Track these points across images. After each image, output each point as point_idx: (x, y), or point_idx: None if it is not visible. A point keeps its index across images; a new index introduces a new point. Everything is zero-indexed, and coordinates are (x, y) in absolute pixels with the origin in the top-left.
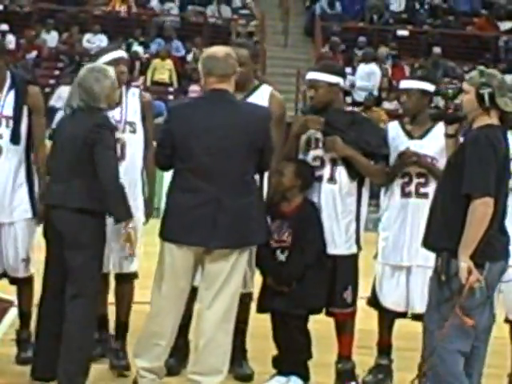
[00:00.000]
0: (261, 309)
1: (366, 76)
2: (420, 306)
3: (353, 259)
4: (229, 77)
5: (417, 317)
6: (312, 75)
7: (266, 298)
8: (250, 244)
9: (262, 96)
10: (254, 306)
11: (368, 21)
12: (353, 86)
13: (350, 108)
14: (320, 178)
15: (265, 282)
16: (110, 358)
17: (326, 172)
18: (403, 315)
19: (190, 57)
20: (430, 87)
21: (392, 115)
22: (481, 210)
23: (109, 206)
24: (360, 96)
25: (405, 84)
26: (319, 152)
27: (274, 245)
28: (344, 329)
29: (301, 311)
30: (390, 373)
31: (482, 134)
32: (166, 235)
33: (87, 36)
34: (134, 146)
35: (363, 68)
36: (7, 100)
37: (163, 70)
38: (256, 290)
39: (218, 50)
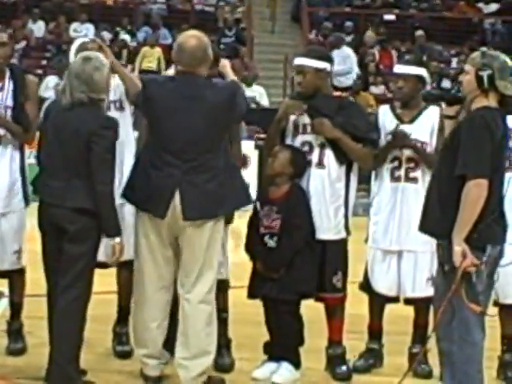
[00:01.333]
0: (251, 295)
1: (342, 61)
2: (411, 291)
3: (342, 244)
4: (196, 67)
5: (408, 301)
6: (299, 61)
7: (256, 284)
8: (217, 215)
9: None
10: (244, 292)
11: (355, 5)
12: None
13: (337, 93)
14: (309, 163)
15: (255, 268)
16: (113, 344)
17: (314, 157)
18: (394, 300)
19: None
20: (425, 72)
21: (379, 100)
22: (474, 192)
23: (100, 219)
24: (338, 81)
25: (401, 69)
26: (307, 137)
27: (263, 231)
28: (334, 314)
29: (291, 296)
30: (381, 357)
31: (477, 116)
32: (130, 198)
33: (74, 25)
34: (122, 123)
35: (336, 53)
36: (9, 90)
37: (152, 59)
38: (247, 276)
39: (187, 41)
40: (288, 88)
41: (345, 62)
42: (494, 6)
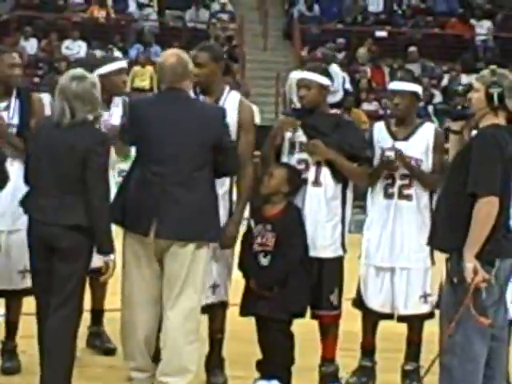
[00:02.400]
0: (243, 312)
1: None
2: (404, 308)
3: (338, 262)
4: (178, 83)
5: (401, 318)
6: (306, 74)
7: (249, 302)
8: (196, 239)
9: (232, 103)
10: (237, 310)
11: (347, 22)
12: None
13: (333, 111)
14: (305, 181)
15: (247, 286)
16: None
17: (310, 175)
18: (387, 317)
19: None
20: (420, 89)
21: (372, 116)
22: (486, 209)
23: (94, 235)
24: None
25: (397, 86)
26: (304, 155)
27: (257, 248)
28: (328, 331)
29: (283, 316)
30: (374, 375)
31: (488, 133)
32: (117, 217)
33: (66, 43)
34: None
35: None
36: (16, 109)
37: (144, 77)
38: (239, 294)
39: (166, 59)
40: (280, 105)
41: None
42: (486, 23)
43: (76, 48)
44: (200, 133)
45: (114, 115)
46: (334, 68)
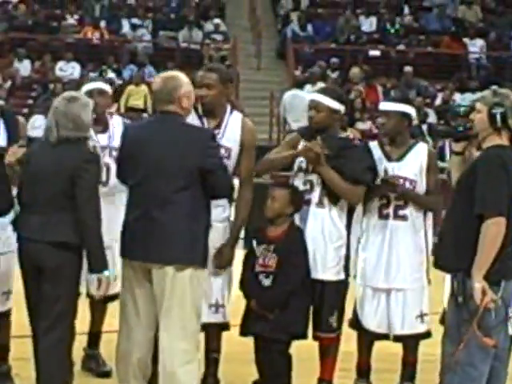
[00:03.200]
0: (243, 332)
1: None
2: (400, 328)
3: (340, 285)
4: (163, 105)
5: (397, 338)
6: (316, 96)
7: (249, 322)
8: (173, 262)
9: (235, 124)
10: (233, 330)
11: (340, 42)
12: None
13: (344, 134)
14: (309, 202)
15: (248, 306)
16: None
17: (314, 196)
18: (383, 337)
19: None
20: (410, 109)
21: (366, 135)
22: (493, 230)
23: (81, 254)
24: None
25: (384, 106)
26: (309, 176)
27: (259, 269)
28: (328, 353)
29: (283, 337)
30: None
31: (493, 154)
32: (120, 248)
33: (60, 64)
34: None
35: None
36: (1, 132)
37: (138, 96)
38: (236, 314)
39: (157, 81)
40: (274, 125)
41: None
42: (479, 42)
43: (70, 69)
44: (180, 155)
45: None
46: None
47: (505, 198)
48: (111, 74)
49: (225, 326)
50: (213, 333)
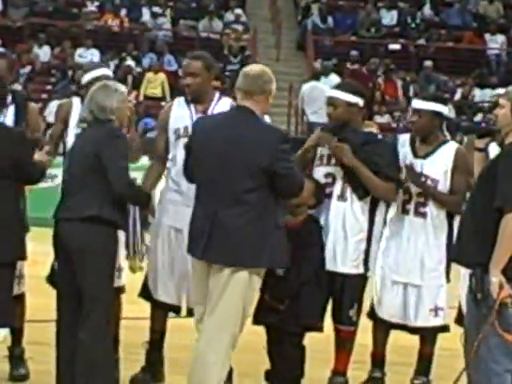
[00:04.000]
0: (257, 321)
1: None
2: (414, 320)
3: (360, 278)
4: (253, 94)
5: (413, 330)
6: (332, 93)
7: (263, 312)
8: (239, 265)
9: (221, 109)
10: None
11: (361, 35)
12: None
13: (368, 129)
14: (330, 195)
15: (262, 295)
16: None
17: (336, 189)
18: (399, 327)
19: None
20: (443, 108)
21: (384, 129)
22: None
23: (130, 201)
24: None
25: (417, 104)
26: (331, 169)
27: None
28: (344, 345)
29: (295, 328)
30: None
31: None
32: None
33: (79, 51)
34: None
35: (324, 81)
36: (8, 115)
37: (155, 84)
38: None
39: (252, 69)
40: (292, 116)
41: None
42: (500, 38)
43: (89, 56)
44: (249, 156)
45: None
46: (335, 79)
47: None
48: (130, 62)
49: None
50: None
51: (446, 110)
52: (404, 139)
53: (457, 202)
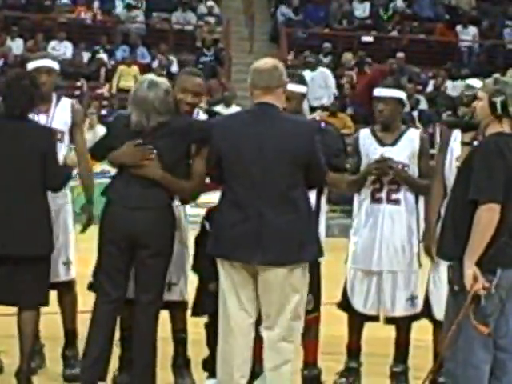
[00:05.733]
0: (196, 313)
1: (323, 81)
2: (391, 310)
3: (313, 266)
4: (273, 89)
5: (389, 320)
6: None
7: (203, 302)
8: (295, 262)
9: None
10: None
11: (333, 27)
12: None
13: (317, 113)
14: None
15: (200, 287)
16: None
17: None
18: (373, 318)
19: (155, 63)
20: (404, 95)
21: (357, 121)
22: (486, 216)
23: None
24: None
25: (381, 92)
26: None
27: None
28: (308, 335)
29: None
30: (359, 376)
31: (490, 141)
32: (213, 250)
33: (52, 43)
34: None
35: (312, 75)
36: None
37: (129, 77)
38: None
39: (264, 63)
40: None
41: (326, 83)
42: (472, 30)
43: (62, 49)
44: (290, 152)
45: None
46: (325, 71)
47: (500, 185)
48: (103, 55)
49: (184, 305)
50: (174, 313)
51: (405, 97)
52: (364, 133)
53: (429, 185)
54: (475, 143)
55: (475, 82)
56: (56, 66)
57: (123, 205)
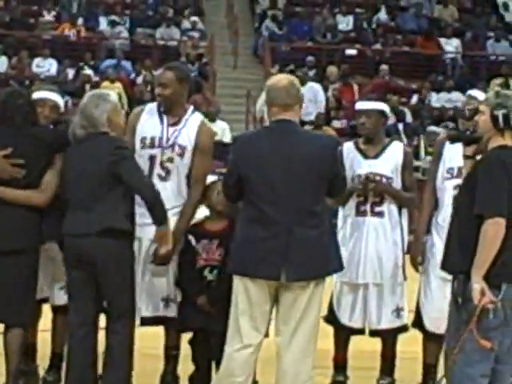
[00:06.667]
0: (182, 329)
1: (313, 96)
2: (377, 323)
3: None
4: (291, 106)
5: (374, 333)
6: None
7: (189, 317)
8: (324, 275)
9: (193, 124)
10: None
11: (317, 41)
12: None
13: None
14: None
15: (184, 301)
16: None
17: None
18: (359, 332)
19: (139, 79)
20: (386, 107)
21: (341, 134)
22: (492, 231)
23: (150, 212)
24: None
25: (363, 105)
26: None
27: (202, 263)
28: None
29: (223, 328)
30: None
31: (493, 155)
32: (237, 268)
33: (37, 60)
34: None
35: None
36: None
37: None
38: None
39: (280, 80)
40: (250, 123)
41: (316, 98)
42: (455, 41)
43: (47, 66)
44: (314, 167)
45: None
46: (315, 85)
47: (504, 199)
48: (89, 71)
49: (177, 322)
50: (168, 329)
51: (388, 109)
52: (348, 146)
53: (415, 198)
54: (478, 157)
55: (477, 94)
56: (61, 103)
57: None
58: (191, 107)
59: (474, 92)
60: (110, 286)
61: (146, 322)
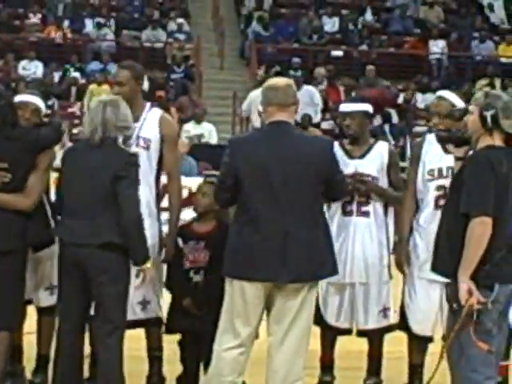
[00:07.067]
0: (170, 330)
1: (310, 99)
2: (364, 323)
3: None
4: (289, 106)
5: (361, 333)
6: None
7: (176, 319)
8: (320, 278)
9: (153, 119)
10: None
11: (302, 42)
12: None
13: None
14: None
15: (173, 303)
16: None
17: None
18: (346, 332)
19: None
20: (370, 108)
21: (328, 135)
22: (478, 230)
23: (128, 246)
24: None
25: (347, 107)
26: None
27: (189, 265)
28: None
29: (212, 329)
30: None
31: (480, 155)
32: (235, 271)
33: (23, 63)
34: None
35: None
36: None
37: (100, 96)
38: None
39: (278, 81)
40: (237, 124)
41: (313, 100)
42: (441, 43)
43: (33, 68)
44: (312, 168)
45: None
46: (311, 88)
47: (491, 198)
48: (75, 73)
49: (159, 322)
50: (149, 331)
51: (371, 109)
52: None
53: (401, 197)
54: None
55: (447, 94)
56: (43, 106)
57: None
58: (148, 104)
59: (444, 93)
60: (105, 299)
61: (126, 326)
